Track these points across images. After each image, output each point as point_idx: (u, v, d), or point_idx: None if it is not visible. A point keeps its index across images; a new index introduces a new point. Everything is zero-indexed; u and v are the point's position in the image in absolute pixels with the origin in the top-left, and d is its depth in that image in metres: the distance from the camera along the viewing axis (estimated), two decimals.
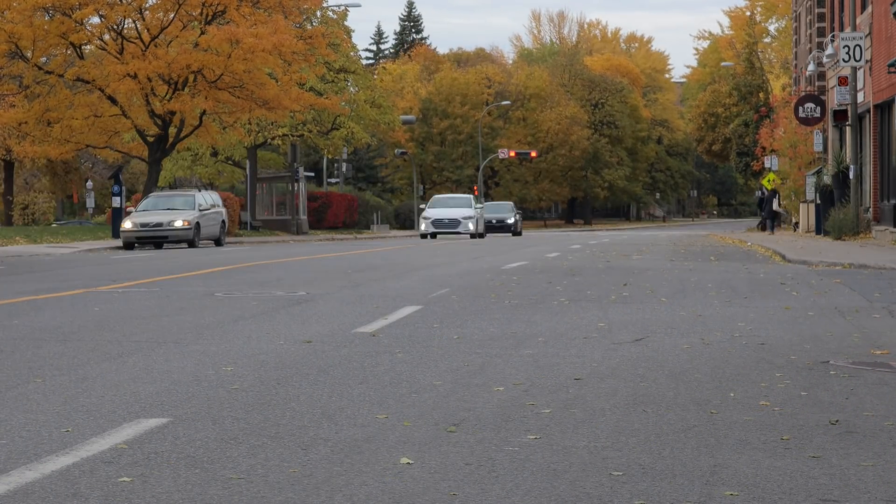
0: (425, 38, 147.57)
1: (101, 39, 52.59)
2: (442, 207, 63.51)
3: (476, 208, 63.71)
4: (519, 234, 71.80)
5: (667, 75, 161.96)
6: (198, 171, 73.87)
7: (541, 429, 7.00)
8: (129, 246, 43.37)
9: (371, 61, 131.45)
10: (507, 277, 20.96)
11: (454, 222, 62.26)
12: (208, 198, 47.93)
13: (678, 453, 6.35)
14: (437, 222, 62.19)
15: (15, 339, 11.39)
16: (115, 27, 52.16)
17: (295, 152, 70.17)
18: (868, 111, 42.92)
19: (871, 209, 42.78)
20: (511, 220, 72.15)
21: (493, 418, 7.31)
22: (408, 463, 6.04)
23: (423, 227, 63.16)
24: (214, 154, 71.68)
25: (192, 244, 44.10)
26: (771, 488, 5.60)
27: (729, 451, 6.40)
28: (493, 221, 71.18)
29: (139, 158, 60.72)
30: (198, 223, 44.84)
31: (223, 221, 48.22)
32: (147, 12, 52.16)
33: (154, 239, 43.96)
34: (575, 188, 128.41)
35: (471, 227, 62.40)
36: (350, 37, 75.03)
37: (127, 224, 43.82)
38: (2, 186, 74.25)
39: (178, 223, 43.98)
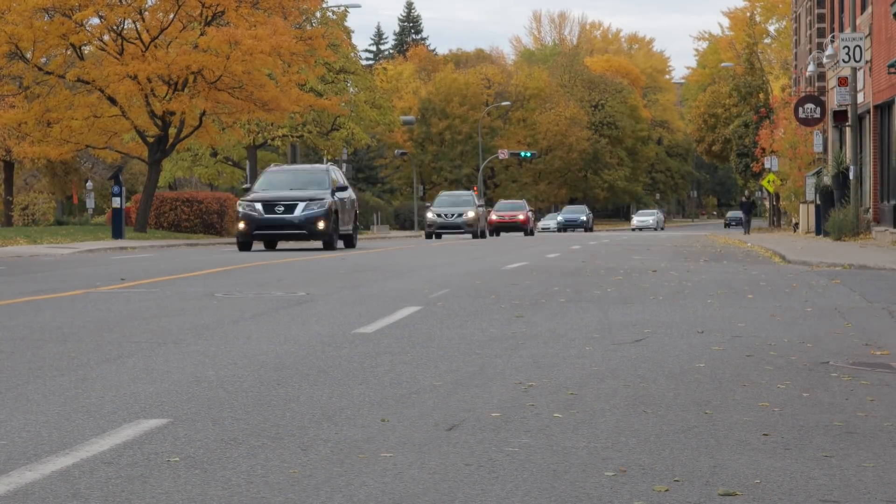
0: (425, 39, 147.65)
1: (101, 40, 52.59)
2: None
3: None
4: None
5: (667, 76, 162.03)
6: (197, 172, 73.88)
7: (541, 429, 7.00)
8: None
9: (371, 62, 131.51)
10: (507, 278, 20.97)
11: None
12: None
13: (678, 454, 6.35)
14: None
15: (15, 339, 11.38)
16: (115, 28, 52.17)
17: (295, 153, 70.19)
18: (868, 112, 42.93)
19: (870, 210, 42.78)
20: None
21: (493, 419, 7.31)
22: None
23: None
24: (214, 154, 71.68)
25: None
26: (771, 489, 5.60)
27: (729, 452, 6.40)
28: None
29: (139, 159, 60.73)
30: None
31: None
32: (147, 13, 52.17)
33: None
34: (574, 189, 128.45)
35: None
36: (350, 37, 75.09)
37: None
38: (2, 187, 74.24)
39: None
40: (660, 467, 6.03)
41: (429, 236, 63.13)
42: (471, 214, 62.48)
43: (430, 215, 64.01)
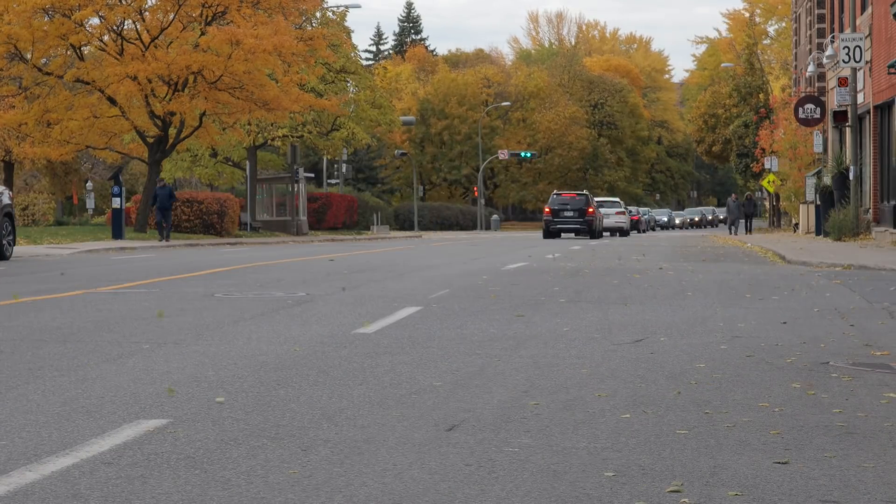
0: (424, 39, 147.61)
1: (101, 41, 52.55)
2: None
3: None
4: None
5: (666, 76, 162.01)
6: (197, 172, 73.83)
7: (541, 429, 7.00)
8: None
9: (371, 62, 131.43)
10: (507, 278, 20.97)
11: None
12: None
13: (678, 454, 6.35)
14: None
15: (15, 339, 11.38)
16: (115, 28, 52.14)
17: (295, 153, 70.14)
18: (868, 112, 42.92)
19: (870, 210, 42.78)
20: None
21: (493, 419, 7.31)
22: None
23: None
24: (214, 155, 71.65)
25: None
26: (771, 489, 5.60)
27: (729, 452, 6.40)
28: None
29: (139, 159, 60.72)
30: None
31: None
32: (147, 13, 52.15)
33: None
34: (574, 189, 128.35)
35: None
36: (350, 37, 75.04)
37: None
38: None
39: None
40: (660, 467, 6.03)
41: None
42: None
43: None
